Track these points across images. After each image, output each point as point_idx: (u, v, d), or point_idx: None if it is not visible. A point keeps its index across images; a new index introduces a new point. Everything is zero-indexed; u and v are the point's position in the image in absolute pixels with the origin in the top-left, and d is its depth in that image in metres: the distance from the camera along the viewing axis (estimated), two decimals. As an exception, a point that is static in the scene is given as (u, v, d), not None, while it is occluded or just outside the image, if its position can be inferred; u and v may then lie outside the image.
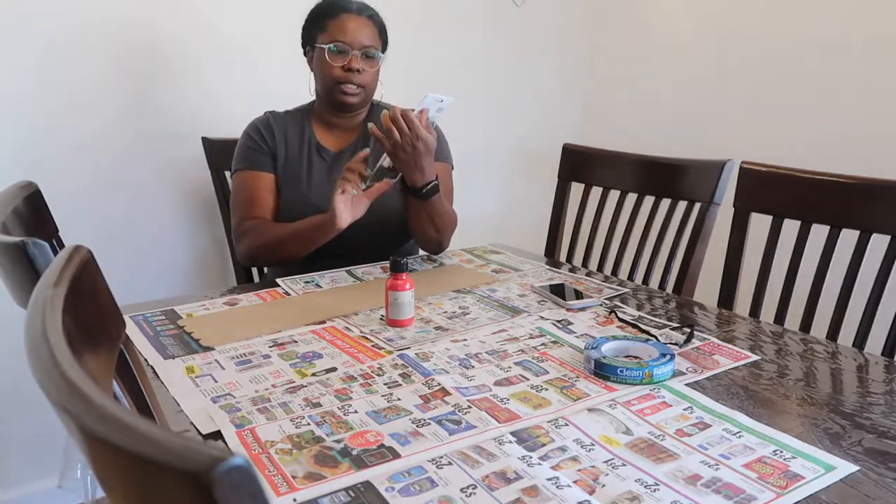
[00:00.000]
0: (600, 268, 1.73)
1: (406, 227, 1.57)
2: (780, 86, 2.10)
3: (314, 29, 1.56)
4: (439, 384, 0.95)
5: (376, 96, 1.65)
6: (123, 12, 1.79)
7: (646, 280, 1.62)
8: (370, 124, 1.39)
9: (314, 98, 1.64)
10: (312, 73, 1.60)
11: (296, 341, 1.11)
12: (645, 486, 0.72)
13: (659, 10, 2.44)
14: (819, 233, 1.36)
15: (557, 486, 0.72)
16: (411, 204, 1.49)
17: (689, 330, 1.12)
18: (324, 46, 1.51)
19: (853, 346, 1.21)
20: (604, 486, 0.72)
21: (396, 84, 1.73)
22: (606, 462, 0.77)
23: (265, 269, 1.90)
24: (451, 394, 0.92)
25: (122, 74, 1.82)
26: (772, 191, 1.43)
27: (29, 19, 1.69)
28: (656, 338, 1.10)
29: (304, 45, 1.60)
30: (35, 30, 1.70)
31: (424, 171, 1.41)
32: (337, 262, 1.53)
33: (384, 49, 1.59)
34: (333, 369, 1.00)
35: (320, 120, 1.63)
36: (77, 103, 1.78)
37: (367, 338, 1.12)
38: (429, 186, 1.44)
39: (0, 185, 1.22)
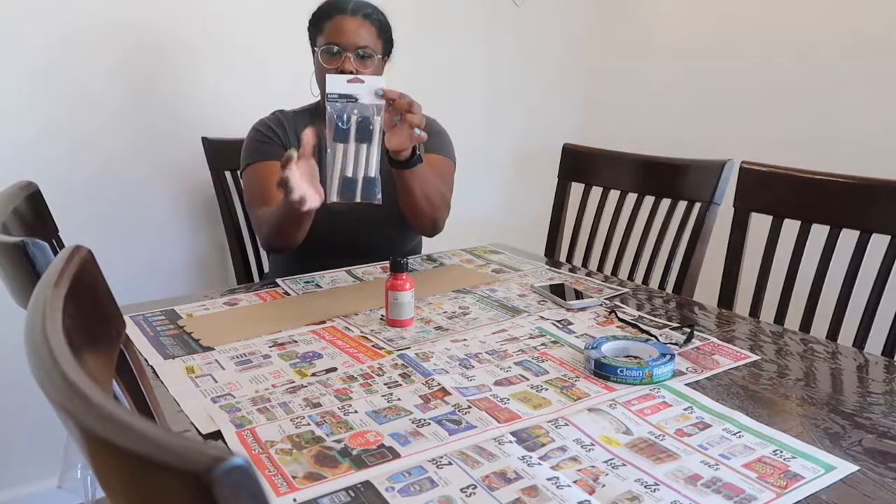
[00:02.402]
0: (600, 268, 1.73)
1: (410, 228, 1.58)
2: (780, 86, 2.10)
3: (314, 31, 1.55)
4: (439, 384, 0.95)
5: None
6: (125, 13, 1.79)
7: (646, 280, 1.62)
8: (381, 89, 1.26)
9: (318, 98, 1.64)
10: (314, 73, 1.60)
11: (296, 341, 1.11)
12: (645, 486, 0.72)
13: (659, 10, 2.44)
14: (819, 233, 1.36)
15: (557, 486, 0.72)
16: (402, 181, 1.41)
17: (689, 330, 1.12)
18: (319, 49, 1.51)
19: (853, 346, 1.21)
20: (604, 486, 0.72)
21: (396, 84, 1.73)
22: (606, 462, 0.77)
23: (265, 269, 1.91)
24: (451, 394, 0.92)
25: (122, 74, 1.82)
26: (772, 191, 1.43)
27: (30, 20, 1.69)
28: (656, 338, 1.10)
29: (311, 46, 1.60)
30: (36, 30, 1.70)
31: (413, 134, 1.32)
32: (340, 263, 1.53)
33: (388, 48, 1.57)
34: (333, 369, 1.00)
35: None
36: (77, 103, 1.78)
37: (367, 338, 1.12)
38: (418, 152, 1.38)
39: (0, 185, 1.22)
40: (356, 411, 0.88)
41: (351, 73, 1.48)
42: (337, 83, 1.26)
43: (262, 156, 1.55)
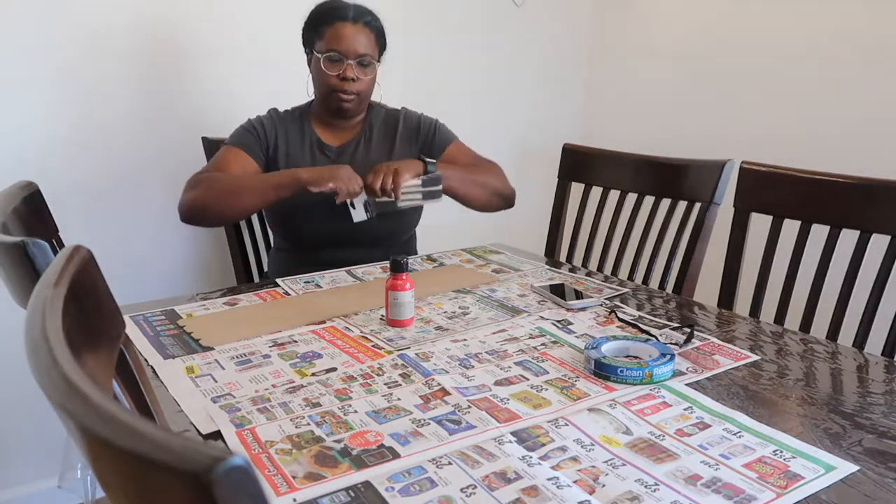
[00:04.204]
0: (600, 268, 1.73)
1: (409, 216, 1.64)
2: (780, 85, 2.10)
3: (312, 34, 1.56)
4: (439, 384, 0.95)
5: (375, 97, 1.65)
6: (125, 15, 1.79)
7: (646, 280, 1.62)
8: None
9: (312, 98, 1.65)
10: (311, 75, 1.60)
11: (296, 341, 1.11)
12: (645, 486, 0.72)
13: (659, 10, 2.44)
14: (819, 233, 1.36)
15: (557, 486, 0.72)
16: (449, 193, 1.53)
17: (689, 330, 1.12)
18: (320, 55, 1.52)
19: (853, 346, 1.21)
20: (604, 486, 0.72)
21: (396, 84, 1.73)
22: (606, 462, 0.77)
23: (265, 269, 1.91)
24: (451, 394, 0.92)
25: (122, 75, 1.82)
26: (772, 191, 1.43)
27: (32, 21, 1.69)
28: (656, 338, 1.10)
29: (304, 45, 1.60)
30: (37, 32, 1.69)
31: (409, 169, 1.45)
32: (336, 252, 1.54)
33: (382, 52, 1.59)
34: (333, 369, 1.00)
35: (320, 119, 1.64)
36: (77, 104, 1.78)
37: (367, 338, 1.12)
38: (429, 167, 1.49)
39: (0, 185, 1.22)
40: (356, 411, 0.88)
41: (352, 80, 1.52)
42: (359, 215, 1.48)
43: (242, 145, 1.57)
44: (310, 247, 1.60)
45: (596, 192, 1.77)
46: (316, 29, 1.54)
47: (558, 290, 1.33)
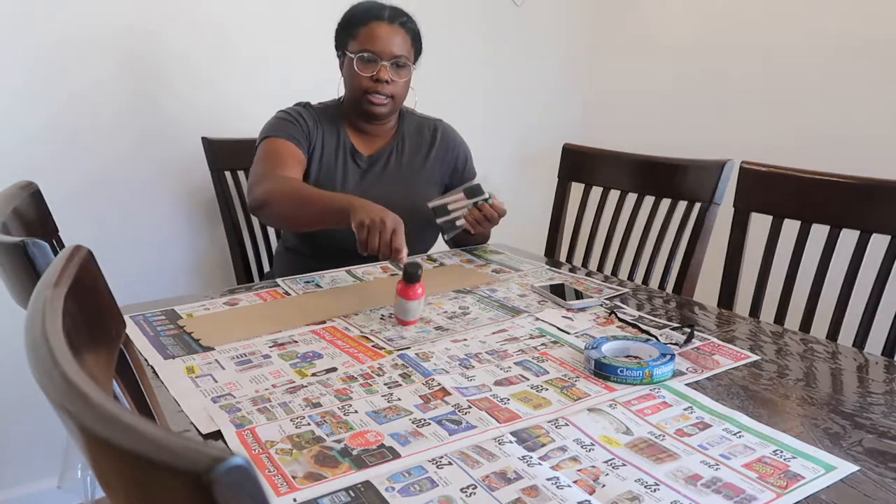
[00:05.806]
0: (600, 268, 1.73)
1: (431, 234, 1.63)
2: (780, 85, 2.10)
3: (345, 35, 1.52)
4: (439, 384, 0.95)
5: (410, 104, 1.63)
6: (126, 14, 1.79)
7: (646, 280, 1.62)
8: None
9: (340, 97, 1.62)
10: (342, 77, 1.57)
11: (296, 341, 1.11)
12: (645, 486, 0.72)
13: (659, 9, 2.44)
14: (819, 233, 1.36)
15: (557, 486, 0.72)
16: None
17: (689, 330, 1.12)
18: (353, 55, 1.48)
19: (853, 346, 1.21)
20: (604, 486, 0.72)
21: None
22: (606, 462, 0.77)
23: (265, 269, 1.91)
24: (451, 394, 0.92)
25: (123, 74, 1.82)
26: (772, 191, 1.43)
27: (33, 20, 1.69)
28: (656, 338, 1.10)
29: (336, 48, 1.57)
30: (38, 30, 1.70)
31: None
32: (357, 259, 1.51)
33: (418, 56, 1.56)
34: (333, 369, 1.00)
35: (351, 124, 1.60)
36: (78, 103, 1.78)
37: (367, 338, 1.12)
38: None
39: (0, 185, 1.22)
40: (356, 411, 0.88)
41: (386, 82, 1.48)
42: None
43: (286, 134, 1.51)
44: (328, 254, 1.54)
45: (596, 192, 1.77)
46: (349, 30, 1.50)
47: (558, 290, 1.33)
